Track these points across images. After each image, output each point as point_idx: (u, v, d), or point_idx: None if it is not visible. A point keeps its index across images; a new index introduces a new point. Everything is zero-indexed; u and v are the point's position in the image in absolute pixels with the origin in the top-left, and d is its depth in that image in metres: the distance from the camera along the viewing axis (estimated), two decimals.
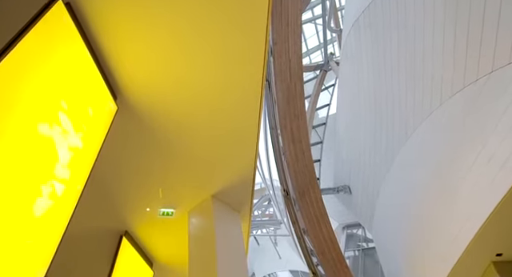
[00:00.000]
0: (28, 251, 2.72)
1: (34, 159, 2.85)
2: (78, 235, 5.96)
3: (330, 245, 10.29)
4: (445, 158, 6.99)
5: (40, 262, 2.90)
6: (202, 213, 5.98)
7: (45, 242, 2.93)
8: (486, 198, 5.15)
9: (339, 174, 14.35)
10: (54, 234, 3.04)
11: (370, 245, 16.81)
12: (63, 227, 3.14)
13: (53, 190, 3.03)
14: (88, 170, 3.49)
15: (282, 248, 23.22)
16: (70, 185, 3.23)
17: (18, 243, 2.63)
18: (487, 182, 5.23)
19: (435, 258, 6.92)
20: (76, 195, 3.35)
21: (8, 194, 2.56)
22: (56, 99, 3.10)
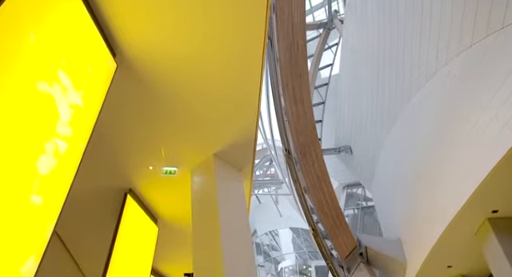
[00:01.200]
0: (35, 208, 2.78)
1: (35, 117, 2.85)
2: (84, 193, 6.10)
3: (330, 203, 10.52)
4: (448, 117, 6.97)
5: (47, 217, 2.98)
6: (204, 171, 6.06)
7: (51, 199, 3.00)
8: (486, 155, 5.18)
9: (340, 134, 14.39)
10: (59, 191, 3.09)
11: (369, 204, 17.19)
12: (68, 184, 3.19)
13: (56, 148, 3.05)
14: (90, 128, 3.50)
15: (282, 206, 23.82)
16: (73, 143, 3.25)
17: (24, 200, 2.69)
18: (489, 140, 5.24)
19: (432, 215, 7.10)
20: (79, 154, 3.38)
21: (11, 151, 2.58)
22: (54, 57, 3.04)
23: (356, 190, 18.36)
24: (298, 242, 22.17)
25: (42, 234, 2.94)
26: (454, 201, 6.05)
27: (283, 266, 19.24)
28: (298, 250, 21.59)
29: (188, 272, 8.33)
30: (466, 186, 5.62)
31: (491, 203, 5.79)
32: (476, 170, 5.45)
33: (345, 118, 13.73)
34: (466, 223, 6.27)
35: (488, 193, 5.47)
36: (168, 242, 8.01)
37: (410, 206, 8.72)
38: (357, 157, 13.75)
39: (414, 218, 8.41)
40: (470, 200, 5.59)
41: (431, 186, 7.31)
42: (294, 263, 19.19)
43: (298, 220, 21.90)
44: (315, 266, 17.65)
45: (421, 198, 7.95)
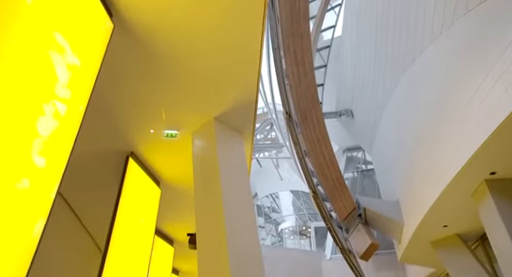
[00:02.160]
0: (38, 169, 2.82)
1: (33, 79, 2.81)
2: (86, 155, 6.15)
3: (330, 166, 10.64)
4: (451, 79, 6.88)
5: (51, 178, 3.02)
6: (204, 134, 6.08)
7: (54, 160, 3.02)
8: (489, 118, 5.16)
9: (342, 97, 14.29)
10: (61, 153, 3.12)
11: (368, 167, 17.40)
12: (70, 146, 3.21)
13: (55, 110, 3.04)
14: (89, 89, 3.47)
15: (283, 170, 24.13)
16: (72, 105, 3.24)
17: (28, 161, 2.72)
18: (492, 103, 5.21)
19: (431, 177, 7.20)
20: (79, 115, 3.37)
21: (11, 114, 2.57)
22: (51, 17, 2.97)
23: (356, 153, 18.52)
24: (297, 204, 22.68)
25: (47, 195, 3.00)
26: (453, 163, 6.11)
27: (283, 228, 19.79)
28: (297, 212, 22.12)
29: (191, 232, 8.59)
30: (466, 149, 5.65)
31: (490, 165, 5.84)
32: (477, 132, 5.45)
33: (346, 81, 13.58)
34: (463, 185, 6.37)
35: (487, 155, 5.51)
36: (171, 204, 8.19)
37: (409, 168, 8.82)
38: (358, 121, 13.75)
39: (412, 181, 8.54)
40: (469, 162, 5.64)
41: (431, 149, 7.36)
42: (293, 224, 19.73)
43: (298, 183, 22.26)
44: (314, 227, 18.16)
45: (420, 161, 8.03)
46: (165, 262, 9.51)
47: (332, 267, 13.91)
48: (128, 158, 6.28)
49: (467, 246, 8.20)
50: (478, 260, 7.94)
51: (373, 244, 9.46)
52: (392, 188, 10.49)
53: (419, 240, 8.69)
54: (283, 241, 19.32)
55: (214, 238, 5.40)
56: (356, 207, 10.28)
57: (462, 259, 8.09)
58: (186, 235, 8.77)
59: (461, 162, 5.80)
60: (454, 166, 6.02)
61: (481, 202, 6.42)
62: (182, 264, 11.00)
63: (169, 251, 9.83)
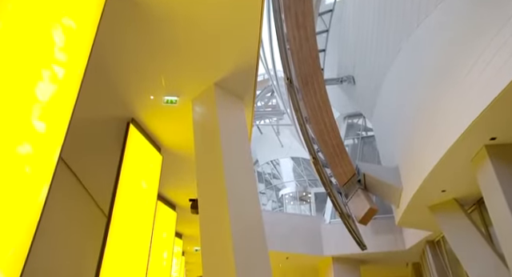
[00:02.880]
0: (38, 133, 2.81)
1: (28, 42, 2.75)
2: (87, 122, 6.16)
3: (331, 132, 10.65)
4: (455, 45, 6.73)
5: (51, 143, 3.02)
6: (205, 100, 6.04)
7: (54, 125, 3.02)
8: (491, 83, 5.10)
9: (343, 63, 14.07)
10: (61, 118, 3.11)
11: (369, 134, 17.42)
12: (69, 111, 3.19)
13: (53, 74, 3.00)
14: (86, 53, 3.40)
15: (283, 137, 24.20)
16: (70, 68, 3.19)
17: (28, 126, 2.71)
18: (495, 69, 5.13)
19: (431, 143, 7.22)
20: (77, 79, 3.33)
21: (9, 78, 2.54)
22: None
23: (357, 120, 18.48)
24: (298, 170, 22.93)
25: (50, 159, 3.02)
26: (454, 129, 6.11)
27: (284, 193, 20.12)
28: (298, 178, 22.41)
29: (193, 198, 8.75)
30: (468, 115, 5.62)
31: (490, 131, 5.84)
32: (478, 98, 5.41)
33: (348, 47, 13.31)
34: (463, 150, 6.40)
35: (488, 120, 5.49)
36: (172, 170, 8.28)
37: (409, 134, 8.83)
38: (359, 87, 13.61)
39: (412, 147, 8.57)
40: (469, 127, 5.63)
41: (432, 115, 7.33)
42: (294, 190, 20.04)
43: (298, 150, 22.40)
44: (314, 193, 18.47)
45: (421, 127, 8.02)
46: (168, 227, 9.76)
47: (331, 231, 14.27)
48: (129, 125, 6.28)
49: (464, 211, 8.37)
50: (473, 223, 8.13)
51: (371, 209, 9.64)
52: (392, 154, 10.56)
53: (417, 205, 8.86)
54: (283, 206, 19.70)
55: (215, 203, 5.49)
56: (356, 173, 10.39)
57: (459, 223, 8.28)
58: (188, 201, 8.94)
59: (461, 128, 5.79)
60: (455, 132, 6.03)
61: (479, 167, 6.48)
62: (184, 228, 11.30)
63: (171, 216, 10.06)
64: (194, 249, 12.70)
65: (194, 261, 13.81)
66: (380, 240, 13.18)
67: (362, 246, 10.66)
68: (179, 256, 11.81)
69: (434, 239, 11.47)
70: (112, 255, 5.86)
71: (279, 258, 13.45)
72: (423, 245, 11.96)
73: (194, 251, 12.90)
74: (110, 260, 5.78)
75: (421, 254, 12.97)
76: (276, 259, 13.32)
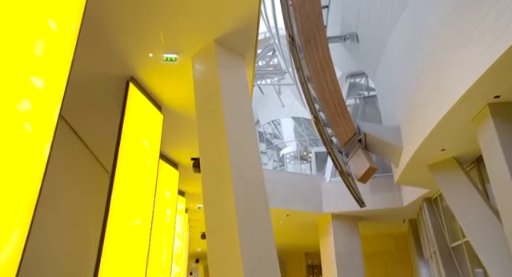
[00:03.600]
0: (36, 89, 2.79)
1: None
2: (86, 80, 6.10)
3: (333, 92, 10.56)
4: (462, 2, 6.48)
5: (51, 100, 3.01)
6: (205, 58, 5.93)
7: (51, 81, 2.98)
8: (498, 41, 4.97)
9: (347, 20, 13.66)
10: (59, 73, 3.06)
11: (371, 93, 17.27)
12: (67, 67, 3.14)
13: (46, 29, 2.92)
14: (80, 7, 3.29)
15: (285, 97, 24.04)
16: (63, 23, 3.10)
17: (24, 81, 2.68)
18: (502, 26, 4.97)
19: (433, 102, 7.17)
20: (73, 35, 3.25)
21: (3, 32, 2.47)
22: None
23: (359, 80, 18.25)
24: (299, 130, 23.00)
25: (50, 116, 3.01)
26: (458, 87, 6.04)
27: (285, 153, 20.31)
28: (299, 138, 22.52)
29: (195, 157, 8.86)
30: (473, 72, 5.53)
31: (494, 89, 5.77)
32: (486, 55, 5.29)
33: (352, 3, 12.84)
34: (465, 109, 6.36)
35: (494, 78, 5.42)
36: (174, 130, 8.31)
37: (412, 93, 8.75)
38: (363, 45, 13.30)
39: (414, 106, 8.53)
40: (474, 85, 5.57)
41: (436, 73, 7.21)
42: (295, 150, 20.21)
43: (299, 110, 22.33)
44: (315, 152, 18.63)
45: (424, 86, 7.92)
46: (171, 185, 9.96)
47: (331, 190, 14.56)
48: (128, 83, 6.22)
49: (462, 169, 8.47)
50: (471, 181, 8.26)
51: (371, 167, 9.77)
52: (393, 113, 10.53)
53: (416, 163, 8.96)
54: (284, 166, 19.97)
55: (217, 162, 5.56)
56: (356, 132, 10.42)
57: (457, 180, 8.41)
58: (190, 160, 9.06)
59: (466, 86, 5.73)
60: (459, 90, 5.96)
61: (481, 125, 6.47)
62: (187, 187, 11.53)
63: (174, 175, 10.22)
64: (196, 206, 13.04)
65: (197, 218, 14.21)
66: (378, 198, 13.48)
67: (361, 203, 10.92)
68: (182, 213, 12.16)
69: (431, 197, 11.72)
70: (117, 213, 6.02)
71: (280, 215, 13.83)
72: (420, 202, 12.24)
73: (196, 209, 13.25)
74: (114, 217, 5.95)
75: (418, 211, 13.31)
76: (277, 216, 13.71)
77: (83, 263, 8.87)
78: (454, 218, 9.93)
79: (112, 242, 5.81)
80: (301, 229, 16.52)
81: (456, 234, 10.44)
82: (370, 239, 16.35)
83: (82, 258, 9.33)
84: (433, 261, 12.04)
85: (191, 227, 15.84)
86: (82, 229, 9.62)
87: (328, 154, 10.83)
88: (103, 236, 5.69)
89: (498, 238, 7.19)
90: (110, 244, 5.76)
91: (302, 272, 22.76)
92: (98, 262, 5.54)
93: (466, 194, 8.16)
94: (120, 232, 6.06)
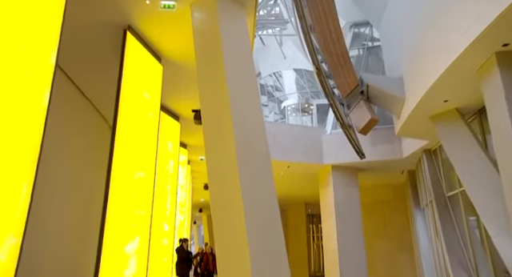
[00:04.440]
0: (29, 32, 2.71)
1: None
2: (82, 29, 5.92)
3: (336, 42, 10.27)
4: None
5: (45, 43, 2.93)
6: (204, 6, 5.70)
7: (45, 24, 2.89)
8: None
9: None
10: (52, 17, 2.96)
11: (375, 44, 16.82)
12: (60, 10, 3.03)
13: None
14: None
15: (286, 48, 23.46)
16: None
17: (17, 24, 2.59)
18: None
19: (439, 52, 6.99)
20: None
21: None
22: None
23: (363, 29, 17.69)
24: (300, 82, 22.70)
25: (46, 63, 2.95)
26: (465, 36, 5.85)
27: (286, 105, 20.21)
28: (300, 90, 22.29)
29: (195, 109, 8.83)
30: (483, 19, 5.33)
31: (504, 36, 5.59)
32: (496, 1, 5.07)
33: None
34: (471, 58, 6.22)
35: (504, 25, 5.22)
36: (174, 81, 8.21)
37: (417, 44, 8.51)
38: None
39: (419, 56, 8.33)
40: (483, 33, 5.39)
41: (443, 22, 6.95)
42: (296, 102, 20.08)
43: (301, 61, 21.89)
44: (316, 105, 18.52)
45: (430, 36, 7.68)
46: (172, 137, 10.03)
47: (331, 141, 14.66)
48: (126, 32, 6.04)
49: (464, 120, 8.46)
50: (471, 132, 8.28)
51: (372, 119, 9.77)
52: (397, 64, 10.32)
53: (418, 115, 8.94)
54: (285, 118, 19.95)
55: (218, 114, 5.54)
56: (359, 84, 10.28)
57: (457, 131, 8.43)
58: (191, 111, 9.05)
59: (474, 34, 5.54)
60: (467, 38, 5.78)
61: (486, 75, 6.36)
62: (189, 138, 11.62)
63: (175, 127, 10.27)
64: (199, 158, 13.23)
65: (200, 169, 14.49)
66: (378, 149, 13.61)
67: (361, 155, 11.05)
68: (185, 165, 12.37)
69: (431, 148, 11.83)
70: (120, 165, 6.11)
71: (281, 166, 14.05)
72: (420, 154, 12.38)
73: (199, 160, 13.45)
74: (118, 169, 6.05)
75: (417, 162, 13.51)
76: (278, 168, 13.93)
77: (88, 215, 9.17)
78: (451, 169, 10.09)
79: (117, 192, 5.96)
80: (301, 180, 16.88)
81: (452, 184, 10.67)
82: (368, 190, 16.76)
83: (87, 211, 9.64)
84: (428, 209, 12.43)
85: (194, 179, 16.20)
86: (86, 182, 9.85)
87: (329, 106, 10.77)
88: (108, 188, 5.83)
89: (494, 188, 7.36)
90: (115, 195, 5.91)
91: (302, 221, 23.59)
92: (104, 214, 5.72)
93: (466, 144, 8.21)
94: (124, 183, 6.19)
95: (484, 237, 9.13)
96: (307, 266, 22.73)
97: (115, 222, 5.84)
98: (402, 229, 16.82)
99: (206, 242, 10.79)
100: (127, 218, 6.14)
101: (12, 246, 2.67)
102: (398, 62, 10.17)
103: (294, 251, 21.58)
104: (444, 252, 10.52)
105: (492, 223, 7.57)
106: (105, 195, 5.74)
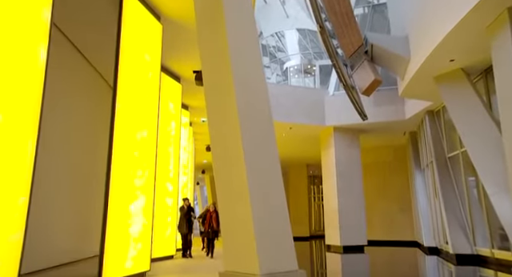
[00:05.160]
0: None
1: None
2: None
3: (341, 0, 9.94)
4: None
5: None
6: None
7: None
8: None
9: None
10: None
11: (380, 1, 16.23)
12: None
13: None
14: None
15: (289, 7, 22.71)
16: None
17: None
18: None
19: (446, 9, 6.75)
20: None
21: None
22: None
23: None
24: (303, 43, 22.17)
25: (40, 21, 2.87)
26: None
27: (288, 66, 19.88)
28: (303, 51, 21.83)
29: (196, 69, 8.70)
30: None
31: None
32: None
33: None
34: (481, 15, 6.02)
35: None
36: (175, 42, 8.03)
37: (424, 0, 8.22)
38: None
39: (426, 13, 8.06)
40: None
41: None
42: (299, 63, 19.73)
43: (304, 21, 21.27)
44: (319, 66, 18.19)
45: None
46: (174, 98, 9.97)
47: (334, 103, 14.56)
48: None
49: (469, 80, 8.34)
50: (476, 92, 8.19)
51: (376, 80, 9.63)
52: (403, 22, 10.02)
53: (423, 75, 8.81)
54: (288, 80, 19.71)
55: (219, 74, 5.45)
56: (363, 44, 10.04)
57: (462, 92, 8.34)
58: (192, 72, 8.92)
59: None
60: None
61: (496, 32, 6.18)
62: (190, 100, 11.55)
63: (176, 88, 10.18)
64: (200, 120, 13.22)
65: (202, 131, 14.53)
66: (381, 111, 13.54)
67: (363, 116, 11.00)
68: (187, 126, 12.39)
69: (434, 109, 11.76)
70: (122, 126, 6.13)
71: (283, 128, 14.06)
72: (422, 115, 12.33)
73: (201, 122, 13.46)
74: (120, 129, 6.07)
75: (419, 123, 13.49)
76: (280, 130, 13.96)
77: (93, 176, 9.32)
78: (453, 130, 10.09)
79: (120, 153, 6.02)
80: (303, 142, 16.96)
81: (454, 145, 10.71)
82: (369, 151, 16.88)
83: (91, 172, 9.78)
84: (429, 170, 12.57)
85: (196, 140, 16.29)
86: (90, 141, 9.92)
87: (333, 66, 10.59)
88: (111, 147, 5.88)
89: (495, 148, 7.40)
90: (118, 155, 5.98)
91: (304, 182, 23.98)
92: (109, 173, 5.81)
93: (470, 105, 8.15)
94: (127, 144, 6.24)
95: (482, 197, 9.30)
96: (308, 225, 23.41)
97: (119, 181, 5.95)
98: (401, 189, 17.11)
99: (213, 202, 11.02)
100: (131, 178, 6.25)
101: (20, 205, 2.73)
102: (404, 21, 9.86)
103: (295, 211, 22.14)
104: (442, 211, 10.77)
105: (491, 182, 7.68)
106: (108, 155, 5.80)
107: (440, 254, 12.02)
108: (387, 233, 17.11)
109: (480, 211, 9.63)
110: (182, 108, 10.94)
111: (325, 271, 10.88)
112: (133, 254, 6.13)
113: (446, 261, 10.85)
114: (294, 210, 21.91)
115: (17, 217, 2.66)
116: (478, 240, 9.70)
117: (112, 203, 5.72)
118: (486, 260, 9.29)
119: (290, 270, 4.80)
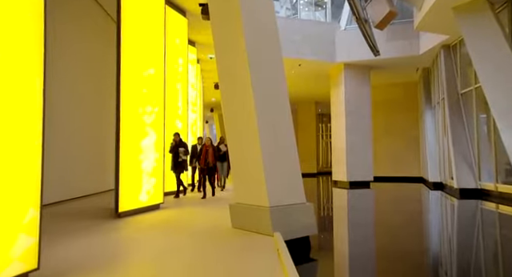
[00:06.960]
0: None
1: None
2: None
3: None
4: None
5: None
6: None
7: None
8: None
9: None
10: None
11: None
12: None
13: None
14: None
15: None
16: None
17: None
18: None
19: None
20: None
21: None
22: None
23: None
24: None
25: None
26: None
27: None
28: None
29: (203, 2, 8.30)
30: None
31: None
32: None
33: None
34: None
35: None
36: None
37: None
38: None
39: None
40: None
41: None
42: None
43: None
44: None
45: None
46: (180, 33, 9.65)
47: (345, 38, 14.01)
48: None
49: (492, 10, 7.84)
50: (499, 23, 7.74)
51: (391, 12, 9.12)
52: None
53: (442, 5, 8.32)
54: (298, 13, 18.81)
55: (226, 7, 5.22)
56: None
57: (482, 23, 7.90)
58: (198, 6, 8.53)
59: None
60: None
61: None
62: (197, 36, 11.18)
63: (182, 22, 9.80)
64: (208, 56, 12.90)
65: (210, 69, 14.22)
66: (394, 46, 13.05)
67: (375, 51, 10.60)
68: (194, 63, 12.14)
69: (450, 44, 11.28)
70: (129, 62, 6.01)
71: (292, 64, 13.71)
72: (437, 50, 11.87)
73: (208, 59, 13.15)
74: (127, 67, 5.97)
75: (433, 58, 13.04)
76: (289, 66, 13.61)
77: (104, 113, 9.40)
78: (469, 66, 9.76)
79: (128, 90, 5.98)
80: (312, 79, 16.64)
81: (468, 81, 10.43)
82: (380, 88, 16.56)
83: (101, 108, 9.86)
84: (439, 107, 12.42)
85: (204, 78, 16.07)
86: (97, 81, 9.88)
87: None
88: (119, 85, 5.84)
89: (511, 84, 7.20)
90: (126, 92, 5.95)
91: (312, 120, 24.00)
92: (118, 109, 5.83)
93: (491, 37, 7.76)
94: (134, 81, 6.18)
95: (492, 133, 9.26)
96: (316, 162, 23.88)
97: (129, 119, 5.99)
98: (410, 127, 17.07)
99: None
100: (140, 115, 6.28)
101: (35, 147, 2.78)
102: None
103: (303, 148, 22.45)
104: (450, 147, 10.82)
105: (503, 118, 7.61)
106: (117, 92, 5.78)
107: (444, 189, 12.31)
108: (394, 169, 17.42)
109: (488, 148, 9.67)
110: (189, 44, 10.62)
111: (331, 205, 11.30)
112: (147, 187, 6.38)
113: (449, 195, 11.14)
114: (302, 147, 22.17)
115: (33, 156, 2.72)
116: (484, 175, 9.85)
117: (123, 140, 5.82)
118: (488, 194, 9.52)
119: (298, 203, 4.99)
